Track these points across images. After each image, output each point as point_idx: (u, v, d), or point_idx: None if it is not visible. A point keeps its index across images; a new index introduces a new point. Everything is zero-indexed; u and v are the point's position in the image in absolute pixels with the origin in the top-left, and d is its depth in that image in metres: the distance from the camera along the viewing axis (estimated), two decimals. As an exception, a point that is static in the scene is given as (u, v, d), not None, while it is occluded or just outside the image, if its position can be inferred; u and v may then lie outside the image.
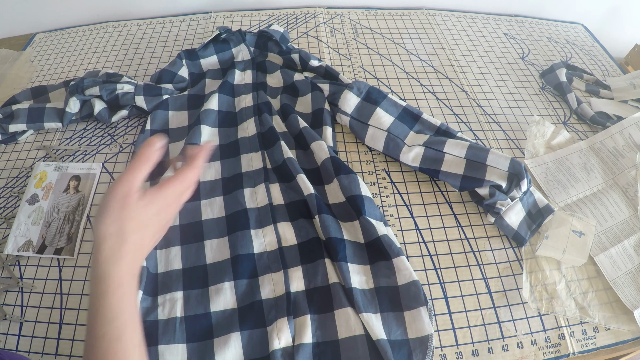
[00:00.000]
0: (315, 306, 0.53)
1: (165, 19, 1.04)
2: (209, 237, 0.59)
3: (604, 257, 0.61)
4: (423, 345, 0.50)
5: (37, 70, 0.90)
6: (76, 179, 0.68)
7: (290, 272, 0.55)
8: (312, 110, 0.75)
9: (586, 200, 0.68)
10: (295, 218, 0.61)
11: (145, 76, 0.87)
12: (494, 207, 0.62)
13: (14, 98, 0.76)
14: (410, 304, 0.52)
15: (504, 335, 0.55)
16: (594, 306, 0.57)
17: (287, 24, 1.01)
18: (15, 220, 0.63)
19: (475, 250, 0.62)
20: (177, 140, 0.71)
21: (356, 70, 0.89)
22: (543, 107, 0.85)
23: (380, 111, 0.70)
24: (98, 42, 0.97)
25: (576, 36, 1.08)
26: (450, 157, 0.64)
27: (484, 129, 0.79)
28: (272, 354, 0.48)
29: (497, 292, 0.58)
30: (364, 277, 0.55)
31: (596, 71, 0.96)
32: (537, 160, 0.73)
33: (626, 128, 0.74)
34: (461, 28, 1.06)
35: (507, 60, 0.97)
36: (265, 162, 0.67)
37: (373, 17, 1.06)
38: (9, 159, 0.72)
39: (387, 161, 0.72)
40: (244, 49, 0.85)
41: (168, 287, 0.54)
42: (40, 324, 0.54)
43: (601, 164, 0.73)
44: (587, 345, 0.55)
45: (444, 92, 0.86)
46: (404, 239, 0.62)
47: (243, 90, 0.78)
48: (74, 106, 0.73)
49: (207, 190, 0.64)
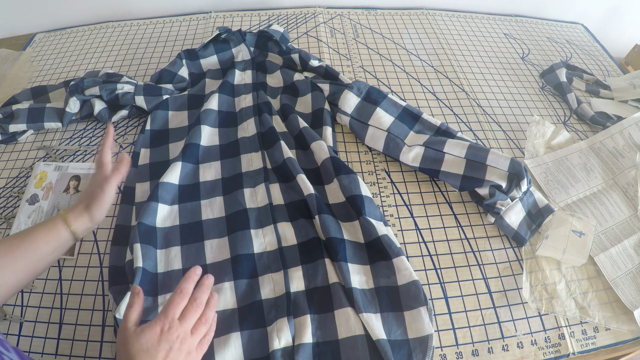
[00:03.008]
0: (315, 306, 0.53)
1: (165, 19, 1.04)
2: (209, 237, 0.59)
3: (604, 257, 0.61)
4: (423, 345, 0.50)
5: (37, 70, 0.90)
6: (76, 179, 0.68)
7: (290, 272, 0.55)
8: (312, 110, 0.75)
9: (586, 200, 0.68)
10: (295, 218, 0.61)
11: (145, 76, 0.87)
12: (494, 207, 0.62)
13: (14, 98, 0.76)
14: (410, 304, 0.52)
15: (504, 335, 0.55)
16: (594, 306, 0.57)
17: (287, 24, 1.01)
18: (15, 220, 0.63)
19: (475, 250, 0.62)
20: (177, 140, 0.71)
21: (356, 70, 0.89)
22: (543, 107, 0.85)
23: (380, 111, 0.70)
24: (98, 42, 0.97)
25: (576, 36, 1.08)
26: (450, 157, 0.64)
27: (484, 129, 0.79)
28: (272, 354, 0.48)
29: (497, 292, 0.58)
30: (364, 277, 0.55)
31: (596, 71, 0.96)
32: (537, 160, 0.73)
33: (626, 128, 0.74)
34: (461, 28, 1.06)
35: (507, 60, 0.97)
36: (265, 162, 0.67)
37: (373, 17, 1.06)
38: (9, 159, 0.72)
39: (387, 161, 0.72)
40: (244, 49, 0.85)
41: (168, 287, 0.54)
42: (40, 324, 0.54)
43: (601, 164, 0.73)
44: (587, 345, 0.55)
45: (444, 92, 0.86)
46: (404, 239, 0.62)
47: (243, 90, 0.78)
48: (74, 106, 0.73)
49: (207, 190, 0.64)
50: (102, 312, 0.54)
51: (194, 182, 0.65)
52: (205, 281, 0.42)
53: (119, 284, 0.55)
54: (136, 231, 0.56)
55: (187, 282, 0.41)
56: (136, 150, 0.70)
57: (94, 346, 0.52)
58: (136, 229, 0.56)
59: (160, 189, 0.61)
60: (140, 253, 0.54)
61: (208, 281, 0.42)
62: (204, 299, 0.41)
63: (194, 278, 0.42)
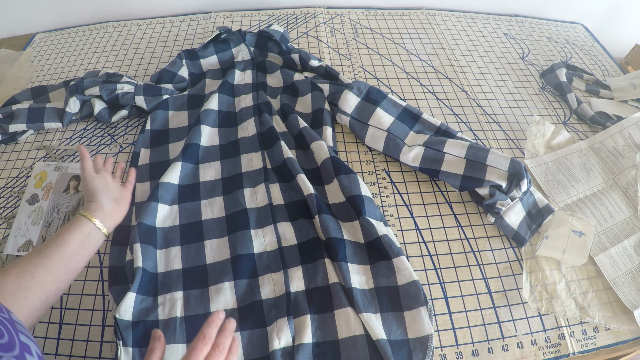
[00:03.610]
0: (315, 306, 0.53)
1: (165, 19, 1.04)
2: (209, 237, 0.59)
3: (604, 257, 0.61)
4: (423, 345, 0.50)
5: (37, 70, 0.90)
6: (76, 179, 0.68)
7: (290, 272, 0.55)
8: (312, 110, 0.75)
9: (586, 200, 0.68)
10: (295, 218, 0.61)
11: (145, 76, 0.87)
12: (494, 207, 0.62)
13: (14, 98, 0.76)
14: (410, 304, 0.52)
15: (504, 335, 0.55)
16: (594, 306, 0.57)
17: (287, 24, 1.01)
18: (15, 220, 0.63)
19: (475, 250, 0.62)
20: (177, 140, 0.71)
21: (356, 70, 0.89)
22: (543, 107, 0.85)
23: (380, 111, 0.70)
24: (98, 42, 0.97)
25: (576, 36, 1.08)
26: (450, 157, 0.64)
27: (484, 129, 0.79)
28: (272, 354, 0.48)
29: (497, 292, 0.58)
30: (364, 277, 0.55)
31: (596, 71, 0.96)
32: (537, 160, 0.73)
33: (626, 128, 0.74)
34: (461, 28, 1.06)
35: (507, 60, 0.97)
36: (265, 162, 0.67)
37: (373, 17, 1.06)
38: (9, 159, 0.72)
39: (387, 161, 0.72)
40: (244, 49, 0.85)
41: (168, 287, 0.54)
42: (40, 324, 0.54)
43: (601, 164, 0.73)
44: (587, 345, 0.55)
45: (444, 92, 0.86)
46: (404, 239, 0.62)
47: (243, 90, 0.78)
48: (74, 106, 0.73)
49: (207, 190, 0.64)
50: (102, 312, 0.54)
51: (194, 182, 0.65)
52: (228, 326, 0.42)
53: (119, 284, 0.55)
54: (136, 231, 0.56)
55: (210, 327, 0.41)
56: (136, 150, 0.70)
57: (94, 346, 0.52)
58: (136, 229, 0.56)
59: (160, 189, 0.61)
60: (140, 253, 0.54)
61: (230, 326, 0.42)
62: (226, 344, 0.41)
63: (217, 323, 0.41)
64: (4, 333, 0.27)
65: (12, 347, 0.27)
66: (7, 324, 0.29)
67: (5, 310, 0.31)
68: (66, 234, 0.46)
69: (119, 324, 0.49)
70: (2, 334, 0.27)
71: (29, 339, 0.30)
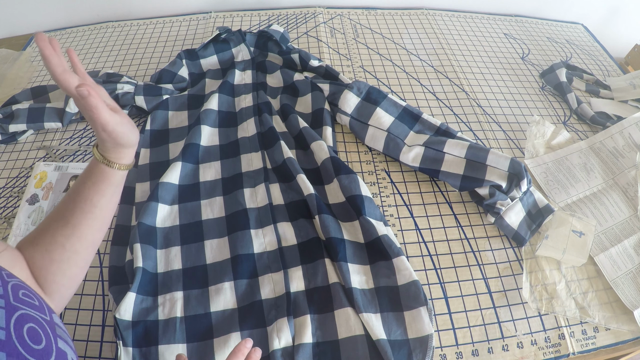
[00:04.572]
0: (315, 306, 0.53)
1: (165, 19, 1.04)
2: (209, 237, 0.59)
3: (604, 257, 0.61)
4: (423, 345, 0.50)
5: (37, 70, 0.90)
6: (76, 179, 0.68)
7: (290, 272, 0.55)
8: (312, 110, 0.75)
9: (586, 200, 0.68)
10: (295, 218, 0.61)
11: (145, 76, 0.87)
12: (494, 207, 0.62)
13: (14, 98, 0.76)
14: (410, 304, 0.52)
15: (504, 335, 0.55)
16: (594, 306, 0.57)
17: (287, 24, 1.01)
18: (15, 220, 0.63)
19: (475, 250, 0.62)
20: (177, 140, 0.71)
21: (356, 70, 0.89)
22: (543, 107, 0.85)
23: (380, 111, 0.70)
24: (98, 42, 0.97)
25: (576, 36, 1.08)
26: (450, 157, 0.64)
27: (484, 129, 0.79)
28: (272, 354, 0.48)
29: (497, 292, 0.58)
30: (364, 277, 0.55)
31: (596, 71, 0.96)
32: (537, 160, 0.73)
33: (626, 128, 0.74)
34: (461, 28, 1.06)
35: (507, 60, 0.97)
36: (265, 162, 0.67)
37: (373, 17, 1.06)
38: (9, 159, 0.72)
39: (387, 161, 0.72)
40: (244, 49, 0.85)
41: (168, 287, 0.54)
42: (40, 324, 0.54)
43: (601, 164, 0.73)
44: (587, 345, 0.55)
45: (444, 92, 0.86)
46: (404, 239, 0.62)
47: (243, 90, 0.78)
48: (74, 106, 0.73)
49: (207, 190, 0.64)
50: (102, 312, 0.54)
51: (194, 182, 0.65)
52: (253, 355, 0.42)
53: (119, 284, 0.55)
54: (136, 231, 0.56)
55: (236, 357, 0.40)
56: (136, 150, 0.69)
57: (94, 346, 0.52)
58: (136, 229, 0.56)
59: (160, 189, 0.61)
60: (140, 253, 0.54)
61: (255, 355, 0.42)
62: None
63: (244, 352, 0.41)
64: (42, 339, 0.26)
65: (49, 354, 0.25)
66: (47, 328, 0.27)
67: (48, 311, 0.29)
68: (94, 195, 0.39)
69: (119, 324, 0.49)
70: (40, 339, 0.25)
71: (67, 344, 0.28)
